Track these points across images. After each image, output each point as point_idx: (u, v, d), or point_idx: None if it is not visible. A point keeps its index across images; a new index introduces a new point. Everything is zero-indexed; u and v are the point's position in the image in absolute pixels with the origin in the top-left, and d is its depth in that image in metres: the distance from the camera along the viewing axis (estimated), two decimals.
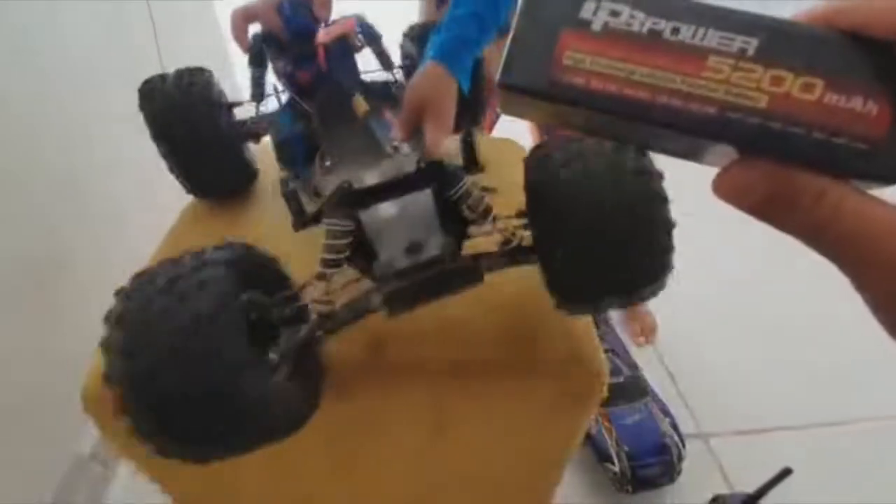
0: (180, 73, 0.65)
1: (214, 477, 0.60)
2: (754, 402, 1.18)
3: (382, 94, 0.67)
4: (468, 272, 0.41)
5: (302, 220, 0.47)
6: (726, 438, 1.12)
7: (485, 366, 0.50)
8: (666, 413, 1.05)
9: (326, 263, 0.42)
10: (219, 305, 0.33)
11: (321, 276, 0.42)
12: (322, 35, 0.63)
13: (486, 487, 0.65)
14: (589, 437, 1.02)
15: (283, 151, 0.62)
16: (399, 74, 0.72)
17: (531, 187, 0.47)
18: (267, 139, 0.74)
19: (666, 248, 0.42)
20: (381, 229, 0.43)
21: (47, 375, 0.88)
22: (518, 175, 0.50)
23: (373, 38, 0.70)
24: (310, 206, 0.48)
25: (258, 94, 0.71)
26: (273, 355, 0.38)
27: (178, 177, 0.68)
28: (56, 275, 0.93)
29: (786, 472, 0.77)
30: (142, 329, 0.33)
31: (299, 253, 0.46)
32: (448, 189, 0.46)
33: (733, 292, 1.47)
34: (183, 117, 0.62)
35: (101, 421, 0.52)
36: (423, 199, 0.46)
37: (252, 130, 0.71)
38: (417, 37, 0.74)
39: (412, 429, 0.53)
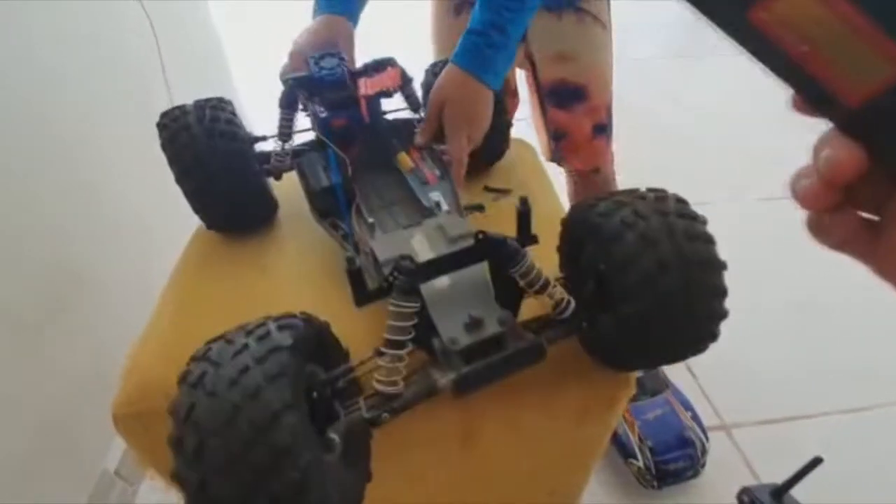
0: (201, 107, 0.62)
1: None
2: (774, 392, 1.17)
3: (407, 133, 0.67)
4: (532, 350, 0.41)
5: (365, 297, 0.46)
6: (749, 429, 1.10)
7: (512, 377, 0.49)
8: (687, 406, 1.04)
9: (391, 345, 0.41)
10: (288, 399, 0.32)
11: (381, 353, 0.41)
12: (367, 87, 0.63)
13: (514, 492, 0.64)
14: (611, 434, 1.01)
15: (319, 201, 0.60)
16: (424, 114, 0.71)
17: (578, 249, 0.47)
18: (286, 175, 0.71)
19: (719, 316, 0.42)
20: (439, 304, 0.43)
21: (76, 394, 0.89)
22: (527, 175, 0.51)
23: (406, 82, 0.69)
24: (371, 283, 0.47)
25: (285, 135, 0.70)
26: (332, 434, 0.37)
27: (201, 215, 0.66)
28: (80, 292, 0.94)
29: (816, 462, 0.75)
30: (214, 430, 0.32)
31: (319, 285, 0.47)
32: (510, 265, 0.44)
33: (748, 281, 1.45)
34: (207, 159, 0.59)
35: (130, 438, 0.52)
36: (478, 271, 0.45)
37: (275, 168, 0.70)
38: (440, 73, 0.71)
39: (441, 441, 0.53)
